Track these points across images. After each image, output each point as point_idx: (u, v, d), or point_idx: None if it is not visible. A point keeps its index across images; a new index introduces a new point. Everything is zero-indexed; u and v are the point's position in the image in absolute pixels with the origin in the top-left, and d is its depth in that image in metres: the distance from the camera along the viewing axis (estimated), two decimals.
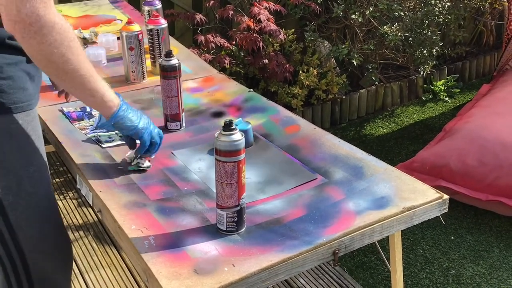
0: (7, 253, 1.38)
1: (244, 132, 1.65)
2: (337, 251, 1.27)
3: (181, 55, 2.31)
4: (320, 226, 1.31)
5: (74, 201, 2.69)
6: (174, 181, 1.49)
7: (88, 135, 1.72)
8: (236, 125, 1.66)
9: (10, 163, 1.34)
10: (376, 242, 1.80)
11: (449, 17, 3.47)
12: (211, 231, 1.29)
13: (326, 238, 1.26)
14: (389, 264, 1.63)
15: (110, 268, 2.24)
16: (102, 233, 2.46)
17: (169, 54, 1.73)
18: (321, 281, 2.17)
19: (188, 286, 1.14)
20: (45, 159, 1.44)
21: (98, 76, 1.35)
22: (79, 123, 1.80)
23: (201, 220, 1.33)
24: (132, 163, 1.55)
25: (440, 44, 3.46)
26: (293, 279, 2.17)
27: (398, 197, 1.41)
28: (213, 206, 1.33)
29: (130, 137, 1.50)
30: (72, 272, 2.22)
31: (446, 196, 1.42)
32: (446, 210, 1.42)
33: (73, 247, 2.36)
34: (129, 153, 1.58)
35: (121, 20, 2.63)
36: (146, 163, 1.56)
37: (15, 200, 1.35)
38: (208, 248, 1.24)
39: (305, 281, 2.16)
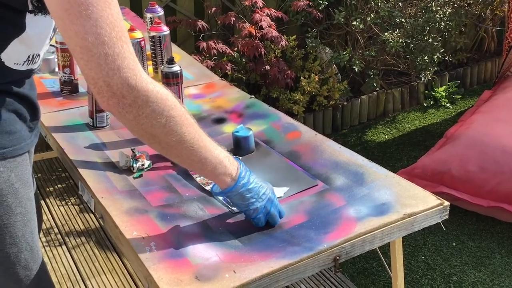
0: None
1: (245, 138, 1.66)
2: (338, 257, 1.27)
3: (183, 61, 2.32)
4: (321, 232, 1.31)
5: (76, 207, 2.70)
6: (176, 187, 1.50)
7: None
8: (238, 131, 1.68)
9: None
10: (377, 248, 1.80)
11: (450, 23, 3.48)
12: (212, 237, 1.30)
13: (327, 245, 1.26)
14: (391, 271, 1.63)
15: (111, 274, 2.25)
16: (104, 239, 2.46)
17: (171, 61, 1.74)
18: None
19: None
20: (32, 205, 1.27)
21: (211, 145, 1.21)
22: None
23: (202, 226, 1.34)
24: (134, 171, 1.55)
25: (441, 51, 3.47)
26: (294, 286, 2.17)
27: (399, 203, 1.41)
28: (215, 212, 1.33)
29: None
30: (74, 278, 2.24)
31: (446, 203, 1.42)
32: (446, 217, 1.43)
33: (75, 253, 2.38)
34: (120, 161, 1.58)
35: None
36: (146, 163, 1.57)
37: None
38: (209, 254, 1.24)
39: (306, 287, 2.16)
